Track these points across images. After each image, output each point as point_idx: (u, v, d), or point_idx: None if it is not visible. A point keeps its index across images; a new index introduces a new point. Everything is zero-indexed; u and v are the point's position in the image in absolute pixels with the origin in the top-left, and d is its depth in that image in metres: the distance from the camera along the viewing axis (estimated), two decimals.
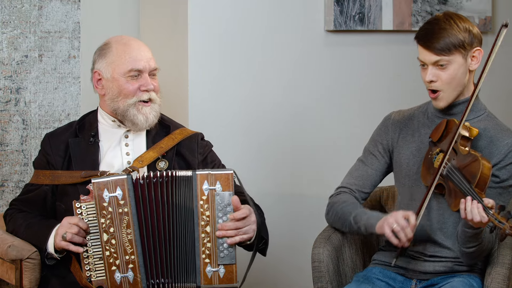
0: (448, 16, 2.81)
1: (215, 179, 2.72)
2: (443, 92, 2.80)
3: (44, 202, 2.91)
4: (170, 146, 2.93)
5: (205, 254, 2.72)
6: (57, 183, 2.88)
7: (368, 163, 2.99)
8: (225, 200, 2.72)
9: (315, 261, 2.96)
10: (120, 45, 2.89)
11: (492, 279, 2.79)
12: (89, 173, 2.82)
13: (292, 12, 3.78)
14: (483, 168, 2.64)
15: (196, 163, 2.95)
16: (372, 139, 3.02)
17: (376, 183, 3.01)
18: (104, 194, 2.70)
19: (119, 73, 2.86)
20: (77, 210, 2.72)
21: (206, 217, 2.72)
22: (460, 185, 2.66)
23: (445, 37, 2.75)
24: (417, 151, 2.89)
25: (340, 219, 2.93)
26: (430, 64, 2.78)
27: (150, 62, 2.89)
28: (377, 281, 2.89)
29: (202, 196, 2.72)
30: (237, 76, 3.71)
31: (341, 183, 3.02)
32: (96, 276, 2.72)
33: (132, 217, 2.71)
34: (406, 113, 2.99)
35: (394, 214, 2.76)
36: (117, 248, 2.70)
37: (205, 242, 2.72)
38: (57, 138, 2.94)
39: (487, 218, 2.56)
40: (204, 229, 2.72)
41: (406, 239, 2.72)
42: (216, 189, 2.72)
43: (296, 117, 3.83)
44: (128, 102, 2.87)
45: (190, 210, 2.73)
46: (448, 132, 2.79)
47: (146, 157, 2.88)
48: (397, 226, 2.72)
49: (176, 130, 2.98)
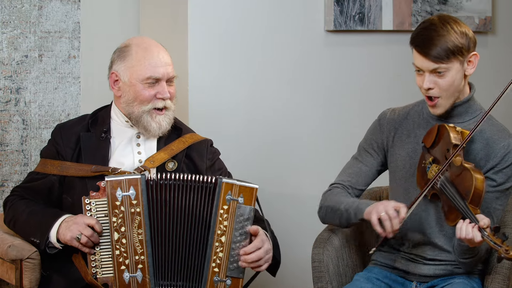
0: (444, 20, 2.74)
1: (239, 191, 2.71)
2: (441, 99, 2.76)
3: (49, 192, 2.89)
4: (181, 149, 2.93)
5: (215, 263, 2.72)
6: (66, 175, 2.86)
7: (362, 161, 2.98)
8: (245, 214, 2.72)
9: (315, 261, 2.96)
10: (141, 50, 2.88)
11: (492, 280, 2.79)
12: (100, 168, 2.82)
13: (292, 12, 3.78)
14: (476, 182, 2.59)
15: (204, 168, 2.95)
16: (366, 137, 3.01)
17: (370, 180, 2.99)
18: (117, 193, 2.69)
19: (137, 79, 2.86)
20: (86, 207, 2.71)
21: (224, 226, 2.71)
22: (454, 202, 2.62)
23: (443, 45, 2.69)
24: (413, 153, 2.88)
25: (332, 210, 2.90)
26: (427, 71, 2.73)
27: (168, 70, 2.89)
28: (377, 282, 2.89)
29: (224, 205, 2.71)
30: (237, 76, 3.71)
31: (335, 180, 3.01)
32: (102, 273, 2.72)
33: (144, 218, 2.70)
34: (401, 111, 2.96)
35: (385, 202, 2.71)
36: (128, 248, 2.69)
37: (217, 251, 2.71)
38: (68, 130, 2.93)
39: (481, 239, 2.52)
40: (219, 238, 2.71)
41: (391, 230, 2.67)
42: (238, 201, 2.71)
43: (296, 117, 3.83)
44: (143, 109, 2.87)
45: (207, 216, 2.72)
46: (440, 138, 2.75)
47: (157, 158, 2.88)
48: (385, 215, 2.67)
49: (187, 134, 2.99)
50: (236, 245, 2.72)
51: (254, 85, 3.74)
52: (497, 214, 2.78)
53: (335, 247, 3.01)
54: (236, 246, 2.72)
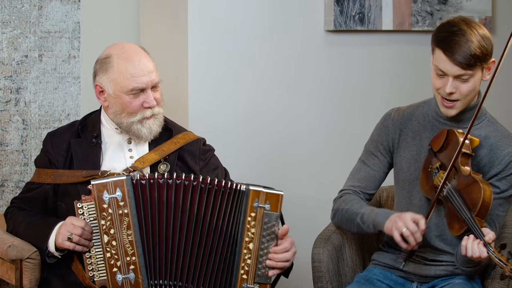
0: (470, 26, 2.70)
1: (266, 198, 2.71)
2: (459, 102, 2.74)
3: (45, 201, 2.91)
4: (172, 150, 2.92)
5: (244, 270, 2.72)
6: (59, 182, 2.87)
7: (369, 164, 2.97)
8: (272, 220, 2.72)
9: (315, 261, 2.96)
10: (121, 60, 2.84)
11: (492, 280, 2.79)
12: (90, 173, 2.82)
13: (292, 12, 3.77)
14: (484, 195, 2.58)
15: (198, 169, 2.95)
16: (372, 139, 3.00)
17: (379, 184, 2.99)
18: (104, 196, 2.69)
19: (122, 91, 2.84)
20: (78, 210, 2.72)
21: (252, 234, 2.71)
22: (460, 212, 2.61)
23: (472, 51, 2.65)
24: (418, 155, 2.87)
25: (347, 221, 2.90)
26: (451, 76, 2.70)
27: (152, 77, 2.86)
28: (378, 283, 2.88)
29: (251, 213, 2.71)
30: (237, 76, 3.71)
31: (344, 185, 3.00)
32: (99, 276, 2.72)
33: (132, 218, 2.70)
34: (405, 111, 2.94)
35: (403, 216, 2.70)
36: (118, 250, 2.69)
37: (245, 258, 2.72)
38: (59, 138, 2.93)
39: (487, 255, 2.52)
40: (247, 245, 2.72)
41: (415, 243, 2.68)
42: (265, 207, 2.72)
43: (296, 117, 3.83)
44: (132, 120, 2.86)
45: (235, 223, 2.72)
46: (449, 143, 2.74)
47: (147, 158, 2.87)
48: (407, 231, 2.67)
49: (179, 134, 2.98)
50: (263, 252, 2.73)
51: (254, 85, 3.74)
52: (499, 221, 2.77)
53: (335, 247, 3.01)
54: (263, 253, 2.73)
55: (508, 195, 2.76)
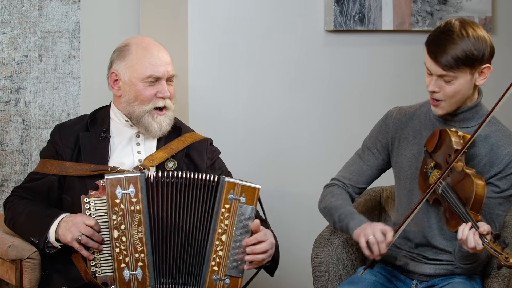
0: (463, 27, 2.68)
1: (242, 190, 2.71)
2: (444, 103, 2.75)
3: (48, 192, 2.89)
4: (180, 148, 2.93)
5: (215, 261, 2.72)
6: (65, 174, 2.87)
7: (364, 159, 2.98)
8: (247, 214, 2.72)
9: (315, 261, 2.96)
10: (140, 49, 2.89)
11: (492, 280, 2.79)
12: (99, 167, 2.82)
13: (292, 12, 3.78)
14: (477, 188, 2.58)
15: (204, 167, 2.96)
16: (371, 135, 3.00)
17: (371, 179, 3.00)
18: (117, 191, 2.69)
19: (137, 78, 2.87)
20: (85, 205, 2.71)
21: (225, 225, 2.71)
22: (455, 208, 2.62)
23: (453, 54, 2.64)
24: (419, 154, 2.87)
25: (328, 213, 2.93)
26: (435, 75, 2.71)
27: (168, 69, 2.90)
28: (379, 275, 2.90)
29: (225, 204, 2.71)
30: (237, 76, 3.71)
31: (337, 174, 3.02)
32: (101, 272, 2.72)
33: (144, 215, 2.70)
34: (407, 111, 2.95)
35: (373, 225, 2.74)
36: (127, 246, 2.70)
37: (217, 249, 2.71)
38: (67, 130, 2.94)
39: (482, 246, 2.52)
40: (219, 236, 2.71)
41: (379, 253, 2.71)
42: (240, 200, 2.71)
43: (296, 117, 3.83)
44: (144, 109, 2.88)
45: (208, 214, 2.73)
46: (442, 142, 2.74)
47: (156, 157, 2.89)
48: (373, 238, 2.70)
49: (186, 133, 2.99)
50: (236, 244, 2.73)
51: (254, 85, 3.74)
52: (499, 220, 2.78)
53: (335, 247, 3.01)
54: (236, 246, 2.73)
55: (508, 195, 2.76)
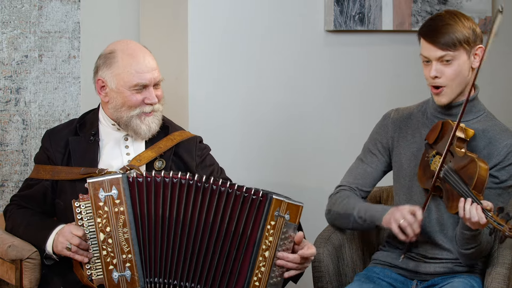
0: (452, 13, 2.80)
1: (287, 208, 2.72)
2: (447, 88, 2.78)
3: (43, 198, 2.91)
4: (169, 147, 2.93)
5: (257, 277, 2.72)
6: (57, 179, 2.88)
7: (367, 162, 2.99)
8: (289, 231, 2.73)
9: (315, 261, 2.96)
10: (126, 56, 2.87)
11: (492, 279, 2.79)
12: (88, 170, 2.83)
13: (292, 12, 3.78)
14: (480, 170, 2.62)
15: (194, 165, 2.95)
16: (371, 138, 3.02)
17: (375, 182, 3.00)
18: (100, 194, 2.70)
19: (124, 86, 2.86)
20: (76, 210, 2.72)
21: (269, 242, 2.72)
22: (457, 188, 2.64)
23: (450, 33, 2.74)
24: (418, 152, 2.89)
25: (343, 216, 2.92)
26: (434, 60, 2.76)
27: (155, 75, 2.89)
28: (378, 281, 2.89)
29: (271, 221, 2.71)
30: (237, 76, 3.71)
31: (341, 182, 3.01)
32: (97, 275, 2.72)
33: (128, 216, 2.70)
34: (405, 111, 2.97)
35: (400, 208, 2.74)
36: (114, 247, 2.70)
37: (260, 265, 2.72)
38: (57, 135, 2.95)
39: (486, 220, 2.54)
40: (263, 253, 2.72)
41: (414, 234, 2.70)
42: (285, 217, 2.72)
43: (296, 117, 3.83)
44: (132, 114, 2.88)
45: (249, 228, 2.72)
46: (444, 134, 2.77)
47: (144, 156, 2.89)
48: (404, 222, 2.70)
49: (175, 131, 2.99)
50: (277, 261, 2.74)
51: (254, 85, 3.74)
52: None
53: (335, 247, 3.01)
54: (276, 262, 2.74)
55: (507, 186, 2.78)
